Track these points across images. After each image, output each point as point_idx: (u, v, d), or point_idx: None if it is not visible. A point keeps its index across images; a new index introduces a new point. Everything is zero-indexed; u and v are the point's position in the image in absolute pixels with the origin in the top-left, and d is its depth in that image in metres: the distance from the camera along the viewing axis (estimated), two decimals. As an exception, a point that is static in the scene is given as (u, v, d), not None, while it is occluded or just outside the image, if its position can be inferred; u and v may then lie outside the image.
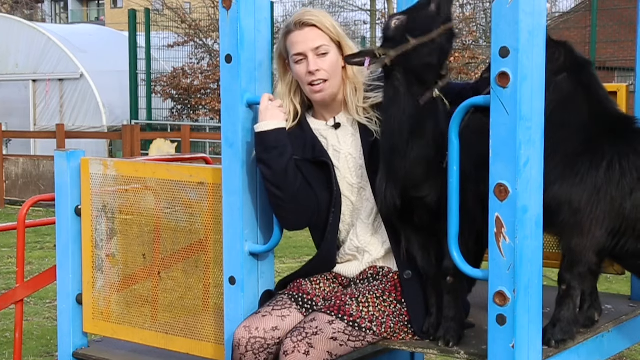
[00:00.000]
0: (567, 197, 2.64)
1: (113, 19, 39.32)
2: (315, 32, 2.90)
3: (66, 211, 3.36)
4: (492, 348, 2.49)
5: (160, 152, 13.57)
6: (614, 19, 15.67)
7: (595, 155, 2.66)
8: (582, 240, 2.67)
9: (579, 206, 2.63)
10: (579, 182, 2.64)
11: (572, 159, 2.66)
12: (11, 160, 13.61)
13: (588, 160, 2.65)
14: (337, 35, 2.93)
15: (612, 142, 2.69)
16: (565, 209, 2.64)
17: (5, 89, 18.25)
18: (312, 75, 2.88)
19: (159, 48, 17.52)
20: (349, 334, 2.74)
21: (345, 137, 2.98)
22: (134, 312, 3.28)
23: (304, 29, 2.90)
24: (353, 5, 22.57)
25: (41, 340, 5.76)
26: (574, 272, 2.71)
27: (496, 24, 2.41)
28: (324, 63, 2.89)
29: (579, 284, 2.74)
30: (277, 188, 2.85)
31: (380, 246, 2.96)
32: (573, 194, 2.63)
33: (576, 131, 2.70)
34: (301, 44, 2.89)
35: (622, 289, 3.78)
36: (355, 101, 2.94)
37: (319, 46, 2.89)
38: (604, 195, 2.64)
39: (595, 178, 2.64)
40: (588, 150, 2.67)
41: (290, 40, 2.91)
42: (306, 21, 2.90)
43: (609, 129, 2.73)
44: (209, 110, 17.15)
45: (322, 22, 2.91)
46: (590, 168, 2.65)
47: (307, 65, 2.88)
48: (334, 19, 2.99)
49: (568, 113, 2.71)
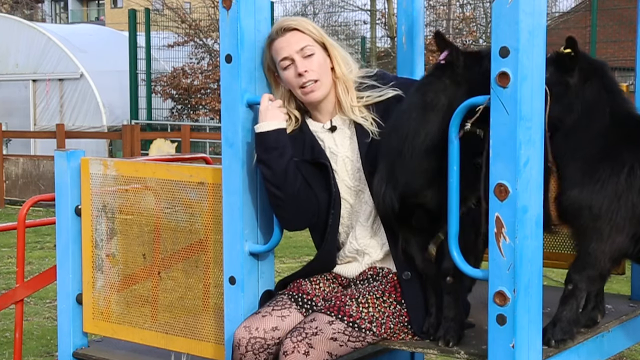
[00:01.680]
0: (588, 202, 2.64)
1: (113, 19, 39.32)
2: (297, 35, 2.90)
3: (66, 211, 3.36)
4: (492, 348, 2.49)
5: (160, 152, 13.56)
6: (614, 19, 15.67)
7: (616, 161, 2.66)
8: (601, 245, 2.67)
9: (600, 212, 2.63)
10: (600, 188, 2.64)
11: (593, 165, 2.66)
12: (11, 160, 13.61)
13: (609, 167, 2.65)
14: (320, 36, 2.92)
15: (633, 147, 2.68)
16: (586, 214, 2.64)
17: (5, 89, 18.25)
18: (302, 77, 2.88)
19: (159, 48, 17.52)
20: (349, 335, 2.74)
21: (342, 140, 2.97)
22: (134, 312, 3.28)
23: (285, 34, 2.90)
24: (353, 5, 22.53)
25: (41, 340, 5.76)
26: (584, 274, 2.72)
27: (496, 24, 2.41)
28: (312, 64, 2.89)
29: (586, 286, 2.74)
30: (277, 188, 2.85)
31: (380, 248, 2.96)
32: (594, 199, 2.63)
33: (598, 136, 2.69)
34: (285, 48, 2.89)
35: (622, 289, 3.78)
36: (348, 101, 2.94)
37: (303, 47, 2.89)
38: (624, 201, 2.64)
39: (616, 184, 2.64)
40: (609, 155, 2.67)
41: (274, 49, 2.91)
42: (286, 26, 2.90)
43: (630, 133, 2.72)
44: (209, 110, 17.16)
45: (302, 25, 2.91)
46: (611, 174, 2.64)
47: (295, 68, 2.88)
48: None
49: (592, 118, 2.70)
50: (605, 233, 2.65)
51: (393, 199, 2.73)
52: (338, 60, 2.94)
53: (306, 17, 8.30)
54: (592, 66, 2.75)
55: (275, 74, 2.95)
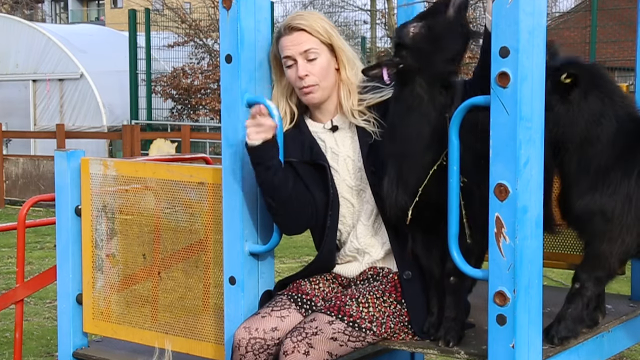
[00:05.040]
0: (600, 207, 2.66)
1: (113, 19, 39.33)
2: (303, 36, 2.89)
3: (66, 211, 3.36)
4: (492, 348, 2.49)
5: (160, 152, 13.56)
6: (614, 19, 15.67)
7: (627, 163, 2.68)
8: (610, 246, 2.69)
9: (612, 216, 2.66)
10: (612, 192, 2.66)
11: (604, 170, 2.68)
12: (11, 160, 13.60)
13: (620, 170, 2.67)
14: (328, 38, 2.92)
15: None
16: (598, 219, 2.67)
17: (5, 89, 18.24)
18: (302, 80, 2.88)
19: (159, 48, 17.51)
20: (349, 334, 2.74)
21: (343, 139, 2.97)
22: (134, 312, 3.28)
23: (292, 33, 2.90)
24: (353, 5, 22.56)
25: (41, 340, 5.76)
26: (592, 275, 2.73)
27: (496, 24, 2.41)
28: (314, 68, 2.89)
29: (593, 286, 2.75)
30: (270, 197, 2.85)
31: (380, 247, 2.96)
32: (606, 204, 2.65)
33: (607, 143, 2.71)
34: (290, 48, 2.89)
35: (622, 289, 3.78)
36: (349, 104, 2.94)
37: (307, 50, 2.88)
38: (635, 202, 2.66)
39: (627, 187, 2.66)
40: (619, 159, 2.69)
41: (280, 45, 2.91)
42: (294, 25, 2.90)
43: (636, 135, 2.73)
44: (209, 110, 17.15)
45: (311, 26, 2.90)
46: (622, 177, 2.66)
47: (297, 70, 2.88)
48: (330, 19, 2.99)
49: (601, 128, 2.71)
50: (615, 235, 2.67)
51: (406, 200, 2.73)
52: (344, 62, 2.93)
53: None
54: (588, 75, 2.74)
55: (281, 64, 2.95)
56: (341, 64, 2.93)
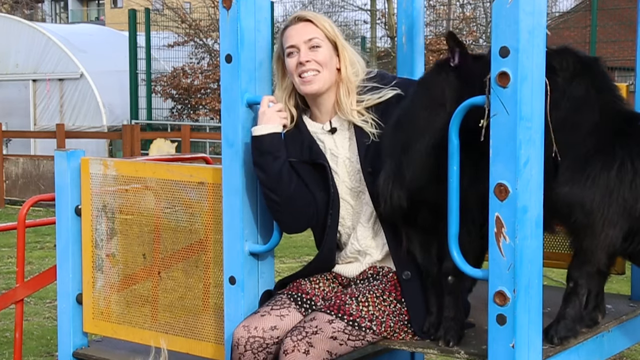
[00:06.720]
0: (579, 198, 2.62)
1: (113, 18, 39.32)
2: (309, 27, 2.91)
3: (66, 211, 3.36)
4: (492, 348, 2.49)
5: (160, 152, 13.56)
6: (614, 19, 15.67)
7: (607, 156, 2.65)
8: (594, 240, 2.67)
9: (591, 208, 2.63)
10: (591, 184, 2.63)
11: (583, 161, 2.65)
12: (11, 160, 13.60)
13: (600, 162, 2.64)
14: (333, 35, 2.93)
15: (623, 142, 2.67)
16: (578, 211, 2.63)
17: (5, 89, 18.25)
18: (302, 65, 2.88)
19: (159, 48, 17.52)
20: (349, 333, 2.74)
21: (342, 141, 2.97)
22: (134, 312, 3.28)
23: (298, 23, 2.93)
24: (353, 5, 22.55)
25: (41, 340, 5.76)
26: (583, 271, 2.72)
27: (496, 23, 2.41)
28: (316, 55, 2.89)
29: (586, 282, 2.75)
30: (272, 191, 2.85)
31: (381, 248, 2.96)
32: (585, 195, 2.62)
33: (587, 133, 2.68)
34: (294, 36, 2.90)
35: (622, 289, 3.78)
36: (348, 103, 2.94)
37: (311, 38, 2.89)
38: (616, 196, 2.63)
39: (607, 179, 2.63)
40: (599, 151, 2.66)
41: (285, 36, 2.93)
42: (301, 16, 2.93)
43: (619, 129, 2.71)
44: (209, 110, 17.16)
45: (318, 19, 2.93)
46: (601, 169, 2.63)
47: (299, 56, 2.89)
48: (330, 19, 3.00)
49: (580, 116, 2.69)
50: (598, 228, 2.64)
51: (401, 197, 2.73)
52: (346, 62, 2.94)
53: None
54: (581, 64, 2.74)
55: (284, 64, 2.96)
56: (343, 62, 2.94)
